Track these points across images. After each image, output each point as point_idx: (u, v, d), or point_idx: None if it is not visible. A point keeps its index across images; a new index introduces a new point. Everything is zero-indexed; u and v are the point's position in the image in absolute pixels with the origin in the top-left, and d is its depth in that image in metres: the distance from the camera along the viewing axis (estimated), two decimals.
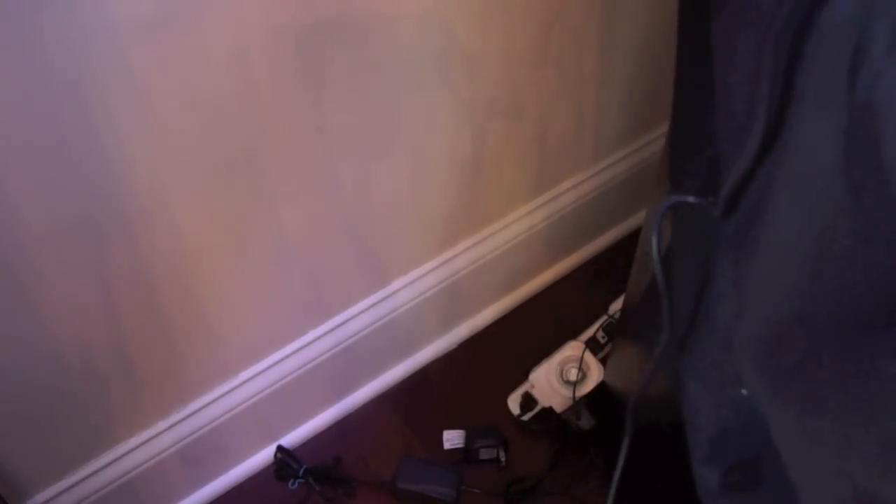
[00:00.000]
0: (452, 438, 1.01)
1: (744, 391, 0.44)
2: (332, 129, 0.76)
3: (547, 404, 1.00)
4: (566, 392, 0.99)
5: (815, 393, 0.34)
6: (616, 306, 1.06)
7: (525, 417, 1.02)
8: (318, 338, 0.94)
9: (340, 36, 0.70)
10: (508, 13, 0.82)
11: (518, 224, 1.07)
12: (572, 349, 1.00)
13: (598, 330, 1.03)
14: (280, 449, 0.98)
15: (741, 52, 0.35)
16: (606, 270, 1.22)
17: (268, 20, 0.65)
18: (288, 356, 0.93)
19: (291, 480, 0.96)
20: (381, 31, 0.73)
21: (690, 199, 0.43)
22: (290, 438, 1.01)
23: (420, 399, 1.07)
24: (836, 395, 0.32)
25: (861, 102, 0.27)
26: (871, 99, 0.26)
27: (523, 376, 1.03)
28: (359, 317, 0.97)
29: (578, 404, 0.99)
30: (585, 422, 1.00)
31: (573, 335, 1.03)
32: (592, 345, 1.01)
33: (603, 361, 0.99)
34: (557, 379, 1.00)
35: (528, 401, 1.02)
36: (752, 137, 0.34)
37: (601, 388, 0.99)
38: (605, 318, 1.04)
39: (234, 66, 0.65)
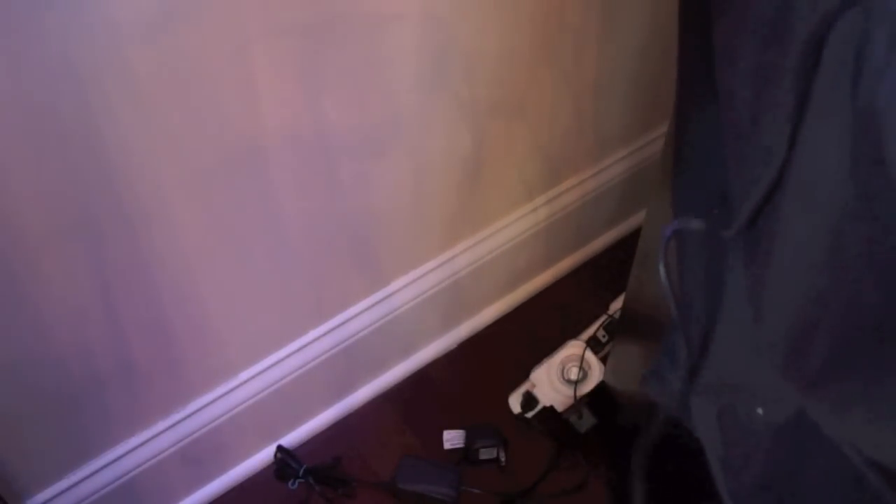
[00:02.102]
0: (452, 438, 1.01)
1: (760, 410, 0.44)
2: (332, 129, 0.76)
3: (548, 403, 1.00)
4: (567, 391, 0.99)
5: (842, 397, 0.34)
6: (617, 305, 1.06)
7: (526, 416, 1.02)
8: (318, 338, 0.94)
9: (340, 36, 0.70)
10: (509, 13, 0.82)
11: (518, 224, 1.07)
12: (573, 348, 1.00)
13: (598, 329, 1.03)
14: (280, 449, 0.98)
15: (747, 62, 0.35)
16: (607, 270, 1.22)
17: (268, 20, 0.64)
18: (288, 356, 0.93)
19: (291, 480, 0.96)
20: (381, 31, 0.73)
21: (695, 223, 0.43)
22: (290, 438, 1.01)
23: (420, 399, 1.07)
24: (862, 400, 0.33)
25: (864, 106, 0.27)
26: (873, 103, 0.26)
27: (523, 376, 1.03)
28: (359, 317, 0.97)
29: (579, 403, 0.99)
30: (586, 421, 1.00)
31: (573, 335, 1.03)
32: (593, 344, 1.01)
33: (604, 360, 0.99)
34: (558, 378, 0.99)
35: (529, 400, 1.02)
36: (772, 155, 0.34)
37: (602, 387, 0.99)
38: (605, 317, 1.04)
39: (234, 65, 0.65)
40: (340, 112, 0.75)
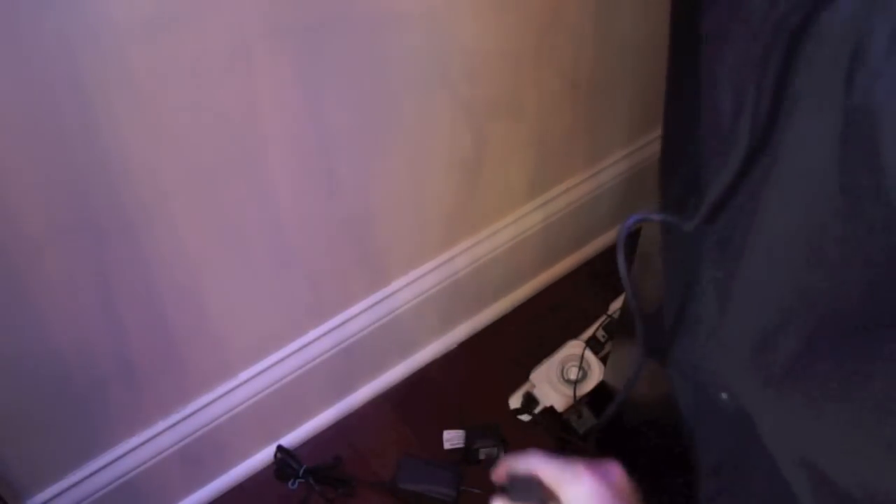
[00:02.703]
0: (452, 438, 1.01)
1: (724, 395, 0.44)
2: (332, 129, 0.76)
3: (548, 403, 1.00)
4: (567, 391, 0.99)
5: (811, 393, 0.34)
6: (616, 305, 1.06)
7: (526, 416, 1.02)
8: (318, 338, 0.94)
9: (340, 36, 0.70)
10: (508, 14, 0.82)
11: (518, 224, 1.07)
12: (573, 348, 1.00)
13: (598, 329, 1.03)
14: (280, 449, 0.98)
15: (730, 53, 0.35)
16: (606, 270, 1.22)
17: (268, 20, 0.65)
18: (288, 356, 0.93)
19: (291, 480, 0.96)
20: (381, 31, 0.73)
21: (655, 216, 0.43)
22: (290, 438, 1.01)
23: (420, 399, 1.07)
24: (833, 396, 0.32)
25: (858, 105, 0.27)
26: (870, 101, 0.26)
27: (523, 376, 1.03)
28: (359, 317, 0.97)
29: (579, 403, 0.99)
30: (586, 421, 1.00)
31: (573, 335, 1.03)
32: (593, 344, 1.01)
33: (604, 360, 0.99)
34: (558, 378, 1.00)
35: (529, 400, 1.02)
36: (738, 144, 0.34)
37: (602, 387, 0.99)
38: (605, 317, 1.04)
39: (234, 65, 0.65)
40: (340, 112, 0.76)
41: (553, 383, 1.00)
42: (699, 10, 0.39)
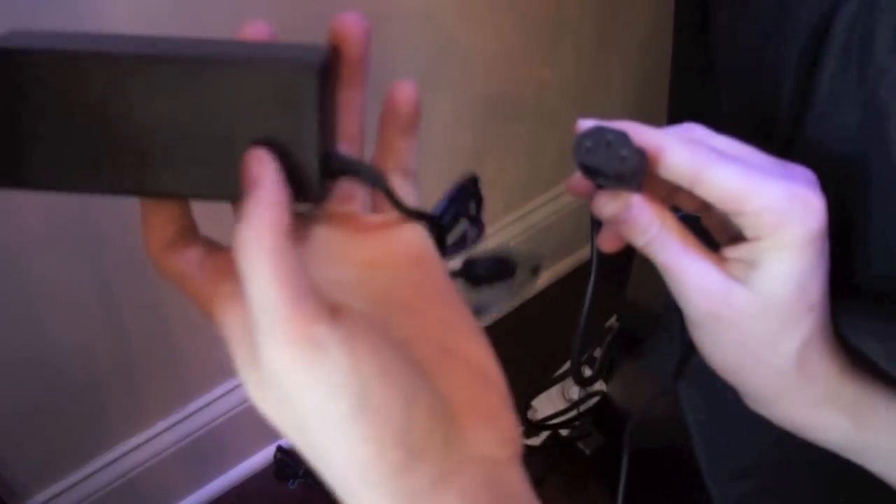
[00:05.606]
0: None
1: None
2: None
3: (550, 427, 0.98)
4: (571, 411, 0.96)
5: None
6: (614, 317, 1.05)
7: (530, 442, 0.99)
8: None
9: None
10: (508, 13, 0.82)
11: (517, 224, 1.07)
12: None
13: (594, 350, 1.01)
14: (280, 449, 0.98)
15: (750, 52, 0.35)
16: (606, 271, 1.22)
17: (267, 19, 0.64)
18: None
19: (291, 480, 0.96)
20: (381, 31, 0.73)
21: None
22: None
23: None
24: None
25: (869, 100, 0.27)
26: (877, 97, 0.26)
27: (523, 377, 1.02)
28: None
29: (586, 423, 0.97)
30: (594, 441, 0.97)
31: (572, 335, 1.02)
32: (591, 361, 0.99)
33: (602, 376, 0.97)
34: (560, 399, 0.98)
35: (532, 428, 0.99)
36: (777, 138, 0.34)
37: (609, 403, 0.97)
38: (609, 336, 1.01)
39: None
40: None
41: (556, 406, 0.98)
42: (707, 14, 0.39)
